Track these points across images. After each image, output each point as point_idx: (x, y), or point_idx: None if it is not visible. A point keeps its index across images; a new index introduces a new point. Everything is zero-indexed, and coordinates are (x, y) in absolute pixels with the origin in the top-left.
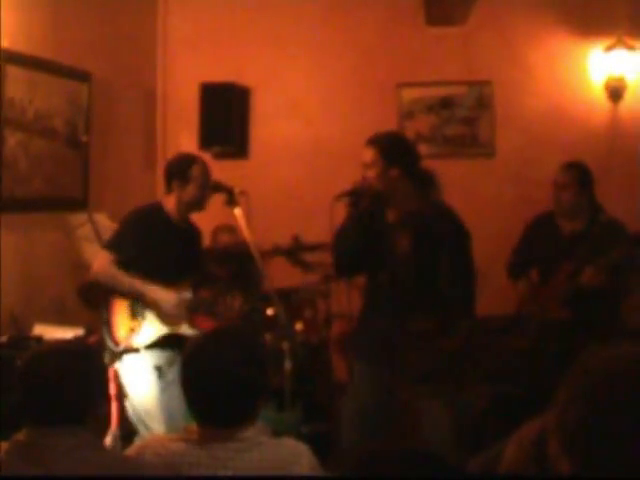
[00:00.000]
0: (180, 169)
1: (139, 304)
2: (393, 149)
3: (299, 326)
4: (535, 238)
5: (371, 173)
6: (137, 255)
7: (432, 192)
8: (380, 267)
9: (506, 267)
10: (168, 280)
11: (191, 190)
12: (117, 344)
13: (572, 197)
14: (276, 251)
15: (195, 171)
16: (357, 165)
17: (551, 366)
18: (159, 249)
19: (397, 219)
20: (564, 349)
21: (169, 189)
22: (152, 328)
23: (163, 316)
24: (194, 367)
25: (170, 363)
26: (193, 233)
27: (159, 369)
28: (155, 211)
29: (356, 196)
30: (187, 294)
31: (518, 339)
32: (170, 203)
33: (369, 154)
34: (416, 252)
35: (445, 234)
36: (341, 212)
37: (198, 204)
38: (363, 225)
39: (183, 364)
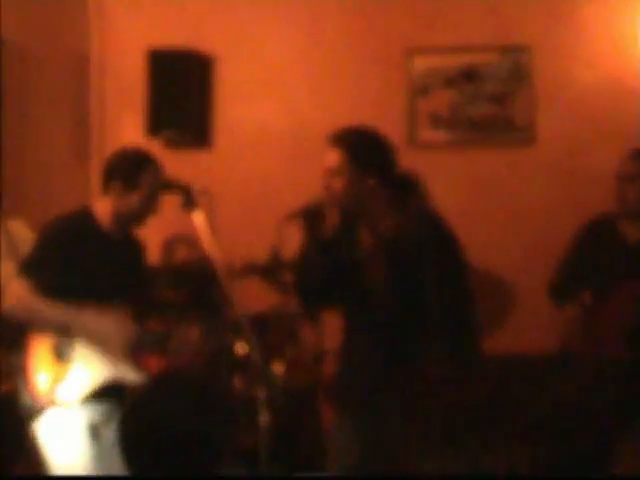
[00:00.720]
0: (126, 171)
1: (66, 342)
2: (367, 150)
3: (279, 366)
4: (589, 249)
5: (337, 183)
6: (60, 279)
7: (414, 201)
8: (355, 303)
9: (548, 287)
10: (103, 307)
11: (135, 200)
12: (36, 398)
13: None
14: (249, 269)
15: (146, 177)
16: None
17: (609, 422)
18: (88, 270)
19: (370, 242)
20: (627, 399)
21: (106, 190)
22: (84, 374)
23: (99, 353)
24: (137, 422)
25: (108, 420)
26: (132, 247)
27: (94, 429)
28: (82, 220)
29: (313, 216)
30: (129, 325)
31: (565, 386)
32: (104, 208)
33: (334, 157)
34: (394, 285)
35: (427, 254)
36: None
37: (139, 218)
38: (328, 253)
39: (123, 419)
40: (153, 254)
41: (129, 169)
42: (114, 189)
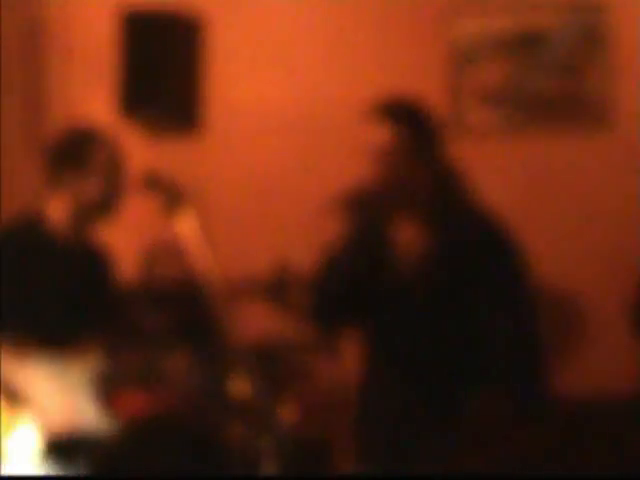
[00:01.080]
0: (73, 153)
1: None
2: (425, 125)
3: (288, 409)
4: None
5: (389, 166)
6: (3, 308)
7: (461, 197)
8: (389, 322)
9: (628, 310)
10: (57, 343)
11: (92, 185)
12: None
13: None
14: (249, 287)
15: (97, 156)
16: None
17: None
18: (39, 295)
19: (413, 244)
20: None
21: (55, 185)
22: (39, 422)
23: (58, 399)
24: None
25: None
26: (95, 260)
27: None
28: (29, 230)
29: (363, 207)
30: (90, 363)
31: None
32: (57, 209)
33: (388, 133)
34: (441, 298)
35: (487, 257)
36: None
37: (102, 209)
38: (367, 252)
39: None
40: (129, 269)
41: (75, 150)
42: (64, 180)
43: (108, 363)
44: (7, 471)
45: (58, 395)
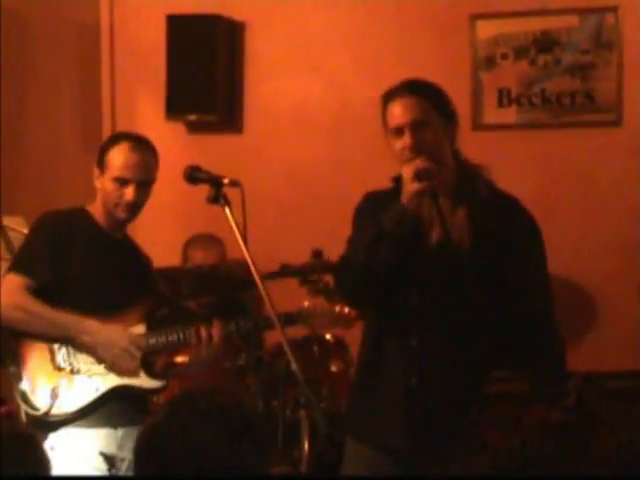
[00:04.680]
0: (99, 154)
1: (67, 349)
2: (446, 100)
3: (324, 386)
4: None
5: (427, 136)
6: (56, 278)
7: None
8: (411, 285)
9: None
10: (107, 313)
11: (106, 183)
12: (37, 411)
13: None
14: (286, 272)
15: (111, 155)
16: None
17: None
18: (88, 268)
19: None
20: None
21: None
22: (89, 386)
23: (107, 368)
24: (154, 457)
25: (125, 443)
26: (128, 247)
27: (108, 458)
28: (78, 214)
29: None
30: (139, 330)
31: None
32: (96, 204)
33: (417, 105)
34: (478, 255)
35: (517, 232)
36: None
37: (115, 208)
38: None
39: (136, 454)
40: (174, 256)
41: (100, 151)
42: (95, 178)
43: (149, 333)
44: (69, 437)
45: (106, 361)
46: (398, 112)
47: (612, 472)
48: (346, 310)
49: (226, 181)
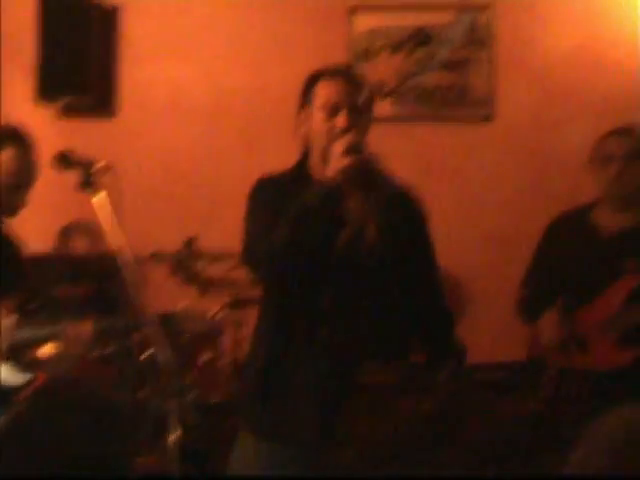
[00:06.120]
0: None
1: None
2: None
3: (191, 377)
4: (563, 247)
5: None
6: None
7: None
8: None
9: (517, 304)
10: None
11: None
12: None
13: (633, 176)
14: (158, 259)
15: (3, 156)
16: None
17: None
18: None
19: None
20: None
21: None
22: None
23: None
24: (16, 447)
25: None
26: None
27: None
28: None
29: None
30: (8, 320)
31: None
32: None
33: (357, 90)
34: (390, 248)
35: (420, 222)
36: None
37: (6, 210)
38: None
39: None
40: (47, 244)
41: None
42: None
43: (21, 327)
44: None
45: None
46: (336, 91)
47: (482, 460)
48: (217, 317)
49: (97, 166)
